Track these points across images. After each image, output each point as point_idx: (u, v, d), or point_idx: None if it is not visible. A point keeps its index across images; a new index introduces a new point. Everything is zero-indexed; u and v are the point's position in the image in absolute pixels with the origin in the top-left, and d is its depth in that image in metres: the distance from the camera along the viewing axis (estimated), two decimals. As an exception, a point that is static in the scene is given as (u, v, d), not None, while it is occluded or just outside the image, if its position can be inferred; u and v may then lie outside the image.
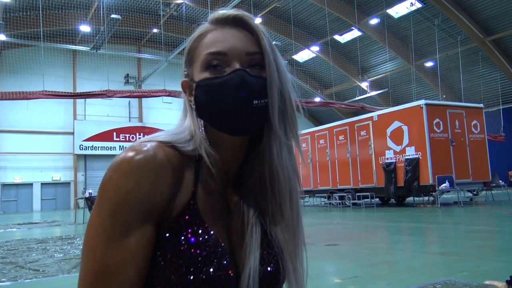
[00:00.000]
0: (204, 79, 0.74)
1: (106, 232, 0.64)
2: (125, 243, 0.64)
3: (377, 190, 14.46)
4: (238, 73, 0.72)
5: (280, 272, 0.77)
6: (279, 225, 0.80)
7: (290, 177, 0.79)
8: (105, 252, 0.64)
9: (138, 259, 0.65)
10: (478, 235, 6.76)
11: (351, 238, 7.37)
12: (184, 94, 0.81)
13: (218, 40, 0.74)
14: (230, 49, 0.73)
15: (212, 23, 0.78)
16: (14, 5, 23.09)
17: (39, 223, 14.96)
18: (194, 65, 0.77)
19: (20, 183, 27.43)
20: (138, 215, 0.65)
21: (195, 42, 0.78)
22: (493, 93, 27.19)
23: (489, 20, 24.51)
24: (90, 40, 25.13)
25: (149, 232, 0.67)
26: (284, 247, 0.79)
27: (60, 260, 5.92)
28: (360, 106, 22.44)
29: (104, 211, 0.65)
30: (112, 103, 28.40)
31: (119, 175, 0.66)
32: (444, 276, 3.76)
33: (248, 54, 0.74)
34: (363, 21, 26.90)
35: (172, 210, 0.70)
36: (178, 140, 0.74)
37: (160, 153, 0.69)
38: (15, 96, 15.93)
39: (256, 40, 0.75)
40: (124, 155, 0.68)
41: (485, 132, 14.21)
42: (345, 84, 33.29)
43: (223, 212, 0.77)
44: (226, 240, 0.74)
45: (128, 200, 0.65)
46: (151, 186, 0.67)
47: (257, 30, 0.75)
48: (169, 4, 25.94)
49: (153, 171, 0.67)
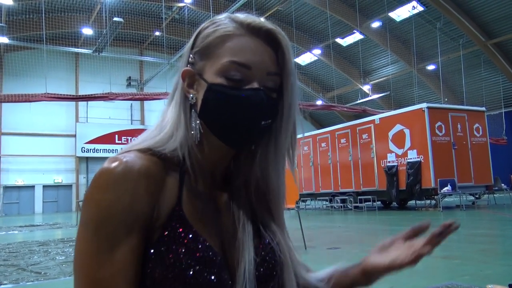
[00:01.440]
0: (221, 85, 0.71)
1: (93, 248, 0.64)
2: (112, 257, 0.64)
3: (379, 194, 14.44)
4: (259, 93, 0.70)
5: (276, 265, 0.77)
6: (271, 220, 0.81)
7: (282, 182, 0.81)
8: (94, 268, 0.64)
9: (127, 272, 0.65)
10: (481, 238, 6.74)
11: (353, 241, 7.35)
12: (182, 82, 0.78)
13: (246, 50, 0.71)
14: (255, 64, 0.71)
15: (242, 27, 0.73)
16: (17, 8, 23.19)
17: (41, 225, 14.97)
18: (208, 62, 0.73)
19: (22, 186, 27.47)
20: (122, 228, 0.65)
21: (218, 38, 0.72)
22: (495, 97, 27.15)
23: (491, 23, 24.50)
24: (92, 43, 25.20)
25: (135, 243, 0.66)
26: (280, 240, 0.80)
27: (61, 262, 5.92)
28: (362, 109, 22.44)
29: (88, 227, 0.65)
30: (114, 105, 28.45)
31: (98, 190, 0.66)
32: (446, 280, 3.74)
33: (269, 74, 0.72)
34: (365, 24, 26.92)
35: (158, 218, 0.69)
36: (157, 144, 0.73)
37: (137, 162, 0.68)
38: (17, 99, 15.98)
39: (281, 61, 0.73)
40: (102, 169, 0.68)
41: (487, 135, 14.17)
42: (347, 87, 33.29)
43: (212, 213, 0.76)
44: (218, 242, 0.73)
45: (109, 214, 0.65)
46: (131, 197, 0.66)
47: (285, 50, 0.73)
48: (172, 7, 26.02)
49: (131, 182, 0.66)
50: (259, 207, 0.81)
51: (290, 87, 0.73)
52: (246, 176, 0.80)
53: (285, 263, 0.78)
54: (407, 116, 13.59)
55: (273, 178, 0.79)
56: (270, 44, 0.73)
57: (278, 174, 0.80)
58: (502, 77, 26.70)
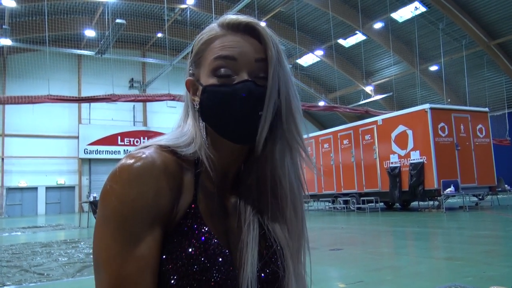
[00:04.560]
0: (212, 85, 0.73)
1: (118, 244, 0.64)
2: (138, 251, 0.65)
3: (381, 195, 14.41)
4: (246, 84, 0.72)
5: (279, 268, 0.77)
6: (278, 224, 0.81)
7: (292, 183, 0.80)
8: (120, 264, 0.64)
9: (153, 265, 0.66)
10: (484, 240, 6.71)
11: (356, 242, 7.34)
12: (188, 93, 0.81)
13: (228, 45, 0.74)
14: (240, 55, 0.73)
15: (222, 27, 0.76)
16: (20, 11, 23.29)
17: (44, 227, 15.01)
18: (201, 67, 0.77)
19: (25, 187, 27.54)
20: (146, 222, 0.66)
21: (203, 44, 0.77)
22: (498, 97, 27.08)
23: (494, 23, 24.45)
24: (95, 45, 25.27)
25: (158, 236, 0.67)
26: (284, 245, 0.79)
27: (64, 264, 5.93)
28: (365, 110, 22.41)
29: (111, 222, 0.65)
30: (117, 107, 28.51)
31: (121, 184, 0.66)
32: (449, 281, 3.73)
33: (257, 61, 0.74)
34: (367, 25, 26.90)
35: (176, 214, 0.70)
36: (178, 144, 0.74)
37: (158, 158, 0.69)
38: (20, 101, 16.03)
39: (263, 49, 0.75)
40: (123, 164, 0.68)
41: (490, 136, 14.14)
42: (349, 88, 33.27)
43: (220, 214, 0.78)
44: (225, 243, 0.74)
45: (134, 209, 0.65)
46: (154, 192, 0.67)
47: (266, 38, 0.75)
48: (174, 9, 26.08)
49: (154, 177, 0.67)
50: (268, 210, 0.81)
51: (273, 73, 0.73)
52: (260, 178, 0.80)
53: (288, 271, 0.78)
54: (409, 117, 13.57)
55: (283, 179, 0.79)
56: (253, 36, 0.75)
57: (286, 174, 0.79)
58: (506, 78, 26.63)
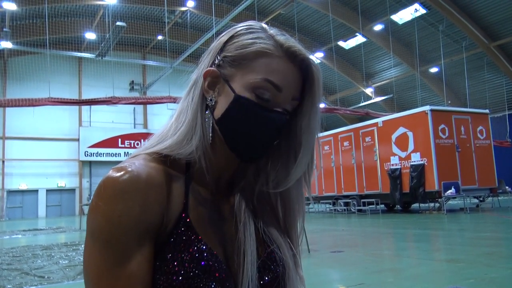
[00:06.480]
0: (250, 100, 0.71)
1: (106, 262, 0.63)
2: (128, 269, 0.63)
3: (382, 197, 14.40)
4: (283, 117, 0.73)
5: (278, 266, 0.76)
6: (273, 225, 0.81)
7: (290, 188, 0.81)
8: (111, 280, 0.63)
9: (144, 280, 0.65)
10: (485, 242, 6.70)
11: (357, 244, 7.33)
12: (203, 81, 0.75)
13: (282, 74, 0.71)
14: (286, 87, 0.72)
15: (281, 48, 0.72)
16: (21, 13, 23.33)
17: (44, 229, 15.00)
18: (239, 72, 0.72)
19: (26, 190, 27.53)
20: (134, 238, 0.64)
21: (256, 53, 0.72)
22: (499, 99, 27.07)
23: (494, 25, 24.46)
24: (95, 47, 25.31)
25: (147, 252, 0.66)
26: (281, 243, 0.79)
27: (65, 266, 5.92)
28: (365, 112, 22.40)
29: (98, 239, 0.64)
30: (117, 109, 28.51)
31: (106, 201, 0.64)
32: (450, 284, 3.72)
33: (293, 99, 0.74)
34: (367, 27, 26.92)
35: (167, 225, 0.68)
36: (172, 147, 0.72)
37: (143, 171, 0.67)
38: (21, 103, 16.03)
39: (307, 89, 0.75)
40: (108, 178, 0.65)
41: (491, 138, 14.13)
42: (350, 90, 33.28)
43: (215, 220, 0.76)
44: (221, 249, 0.73)
45: (120, 225, 0.63)
46: (140, 207, 0.65)
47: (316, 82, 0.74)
48: (174, 11, 26.12)
49: (139, 191, 0.65)
50: (263, 215, 0.81)
51: (309, 113, 0.75)
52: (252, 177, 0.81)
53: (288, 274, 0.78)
54: (410, 119, 13.57)
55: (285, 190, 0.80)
56: (302, 71, 0.74)
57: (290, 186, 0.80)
58: (506, 79, 26.63)
